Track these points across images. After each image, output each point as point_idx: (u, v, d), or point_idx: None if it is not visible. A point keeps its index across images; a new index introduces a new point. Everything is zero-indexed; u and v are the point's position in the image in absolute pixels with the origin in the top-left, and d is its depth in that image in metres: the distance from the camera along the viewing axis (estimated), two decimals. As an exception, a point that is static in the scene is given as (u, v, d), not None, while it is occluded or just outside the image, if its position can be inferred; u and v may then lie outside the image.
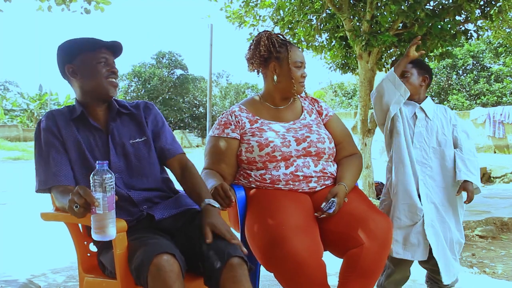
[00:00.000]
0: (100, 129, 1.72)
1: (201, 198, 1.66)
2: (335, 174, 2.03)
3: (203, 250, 1.50)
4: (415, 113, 2.22)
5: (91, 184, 1.36)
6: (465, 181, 2.11)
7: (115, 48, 1.74)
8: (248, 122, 2.03)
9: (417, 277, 2.52)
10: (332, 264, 1.92)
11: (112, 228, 1.37)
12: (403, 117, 2.21)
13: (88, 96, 1.71)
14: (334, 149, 2.06)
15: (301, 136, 1.99)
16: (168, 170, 1.88)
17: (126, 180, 1.71)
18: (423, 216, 2.07)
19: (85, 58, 1.68)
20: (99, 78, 1.67)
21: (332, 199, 1.84)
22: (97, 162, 1.36)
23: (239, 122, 2.03)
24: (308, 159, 1.97)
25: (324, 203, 1.84)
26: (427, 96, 2.28)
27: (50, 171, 1.63)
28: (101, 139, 1.71)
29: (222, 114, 2.09)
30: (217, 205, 1.65)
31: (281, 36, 2.08)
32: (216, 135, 2.04)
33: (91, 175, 1.36)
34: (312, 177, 1.96)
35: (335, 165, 2.07)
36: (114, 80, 1.71)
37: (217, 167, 2.00)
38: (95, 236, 1.37)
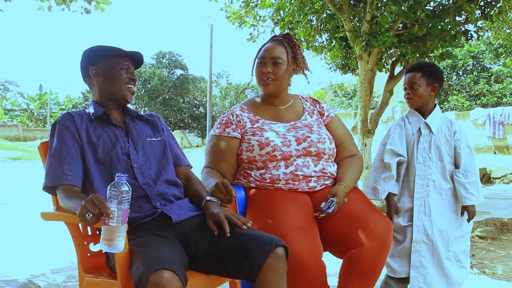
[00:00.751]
0: (120, 127, 1.81)
1: (202, 198, 1.73)
2: (335, 174, 2.03)
3: (245, 242, 1.51)
4: (419, 128, 2.20)
5: (107, 195, 1.34)
6: None
7: (137, 59, 1.86)
8: (249, 121, 2.04)
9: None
10: (332, 264, 1.93)
11: (121, 241, 1.35)
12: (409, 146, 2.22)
13: (107, 99, 1.81)
14: (335, 150, 2.06)
15: (302, 136, 1.99)
16: None
17: (145, 172, 1.75)
18: (412, 233, 2.12)
19: (109, 63, 1.79)
20: (120, 82, 1.79)
21: (332, 198, 1.84)
22: (116, 174, 1.36)
23: (240, 122, 2.03)
24: (308, 159, 1.97)
25: (323, 203, 1.84)
26: (435, 105, 2.23)
27: (60, 169, 1.64)
28: (121, 135, 1.79)
29: (223, 114, 2.10)
30: (215, 199, 1.70)
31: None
32: (217, 134, 2.04)
33: (109, 186, 1.35)
34: (312, 176, 1.96)
35: (335, 165, 2.07)
36: (132, 87, 1.83)
37: (218, 166, 2.01)
38: (102, 247, 1.35)
